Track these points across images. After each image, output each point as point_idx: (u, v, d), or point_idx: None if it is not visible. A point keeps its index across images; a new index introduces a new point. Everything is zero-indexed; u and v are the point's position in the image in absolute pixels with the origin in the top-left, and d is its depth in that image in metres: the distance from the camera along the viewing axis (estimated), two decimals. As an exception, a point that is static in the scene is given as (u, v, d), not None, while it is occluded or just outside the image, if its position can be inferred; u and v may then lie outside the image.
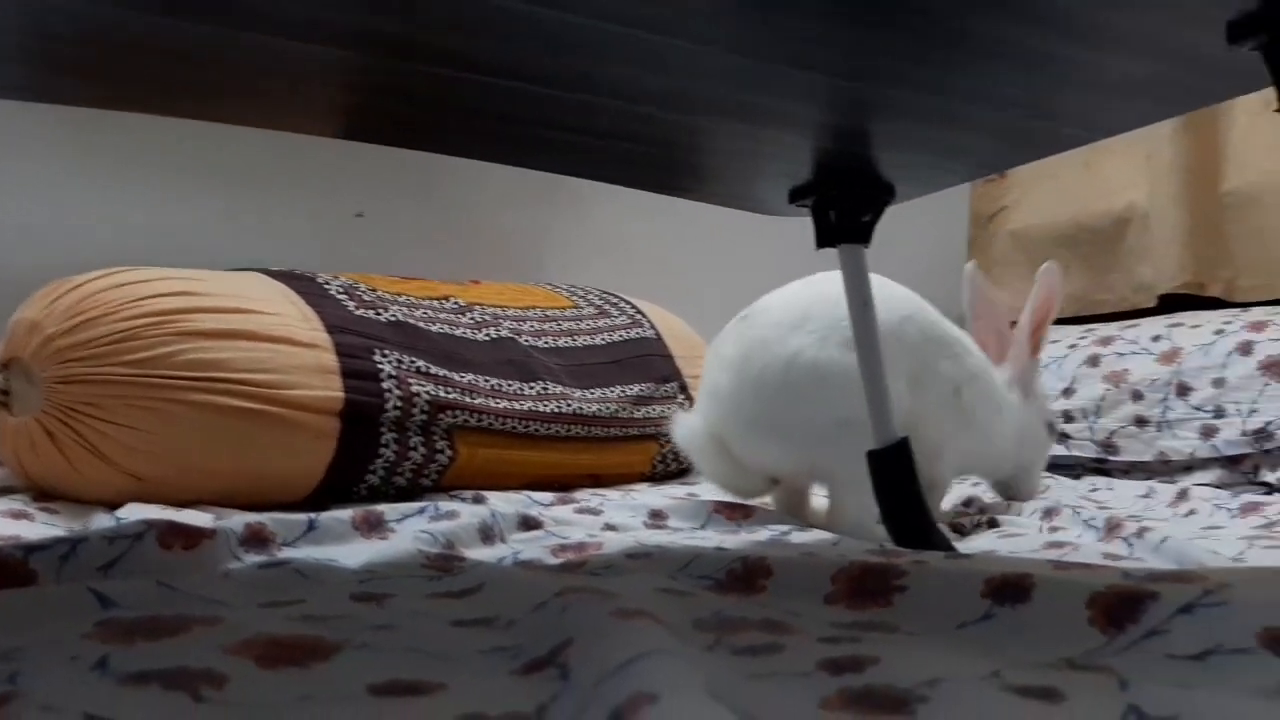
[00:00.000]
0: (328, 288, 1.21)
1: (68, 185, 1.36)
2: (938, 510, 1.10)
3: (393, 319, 1.20)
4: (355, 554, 0.72)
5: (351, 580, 0.61)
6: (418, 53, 0.61)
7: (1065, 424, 1.56)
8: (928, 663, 0.41)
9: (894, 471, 0.86)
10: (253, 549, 0.72)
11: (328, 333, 1.11)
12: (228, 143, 1.41)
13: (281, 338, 1.07)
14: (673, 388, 1.41)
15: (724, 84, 0.65)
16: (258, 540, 0.73)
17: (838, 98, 0.68)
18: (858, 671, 0.41)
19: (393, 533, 0.83)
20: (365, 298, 1.21)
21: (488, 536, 0.84)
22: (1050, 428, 1.19)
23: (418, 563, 0.69)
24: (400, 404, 1.11)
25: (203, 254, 1.29)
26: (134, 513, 0.89)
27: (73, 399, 0.97)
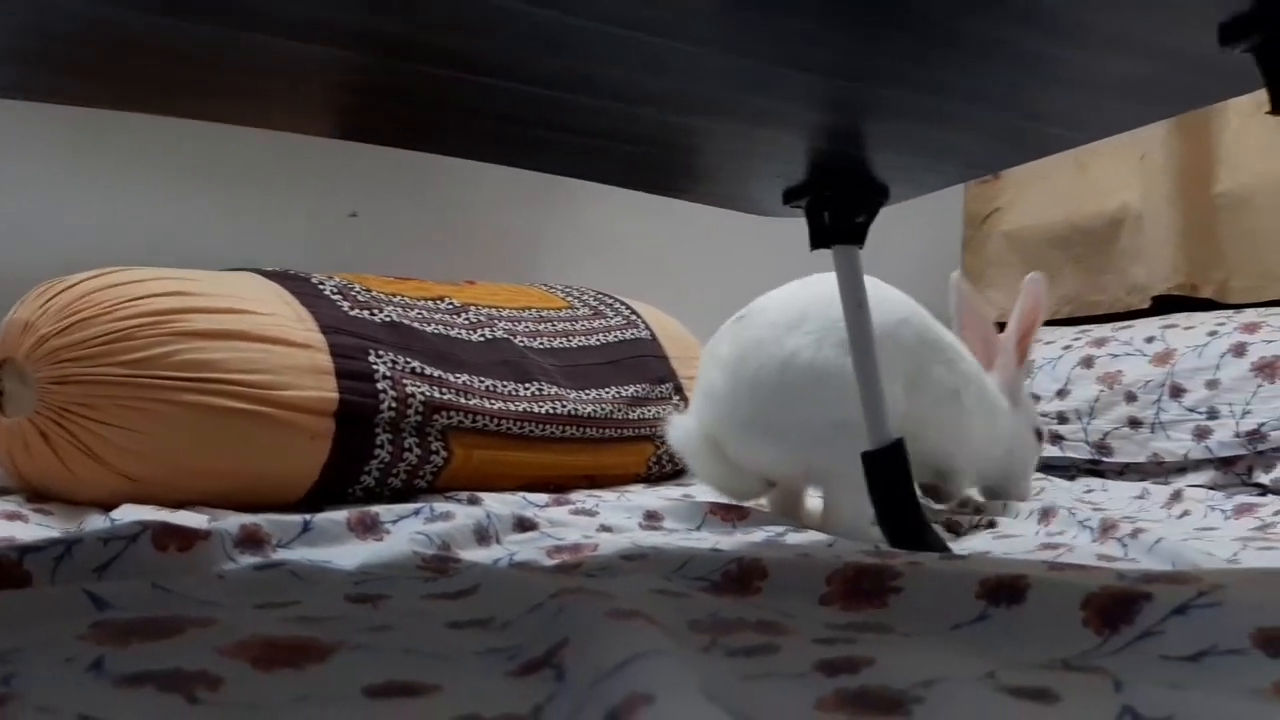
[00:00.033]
0: (322, 288, 1.20)
1: (61, 185, 1.36)
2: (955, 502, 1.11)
3: (387, 319, 1.20)
4: (350, 555, 0.72)
5: (347, 581, 0.61)
6: (417, 53, 0.61)
7: (1059, 425, 1.57)
8: (923, 664, 0.41)
9: (889, 472, 0.87)
10: (248, 550, 0.72)
11: (322, 333, 1.11)
12: (222, 142, 1.41)
13: (276, 338, 1.07)
14: (668, 389, 1.41)
15: (721, 85, 0.65)
16: (253, 541, 0.73)
17: (833, 98, 0.68)
18: (853, 672, 0.41)
19: (388, 534, 0.83)
20: (360, 298, 1.21)
21: (483, 538, 0.83)
22: (1038, 433, 1.21)
23: (413, 564, 0.69)
24: (395, 405, 1.11)
25: (197, 254, 1.29)
26: (128, 514, 0.89)
27: (67, 399, 0.96)
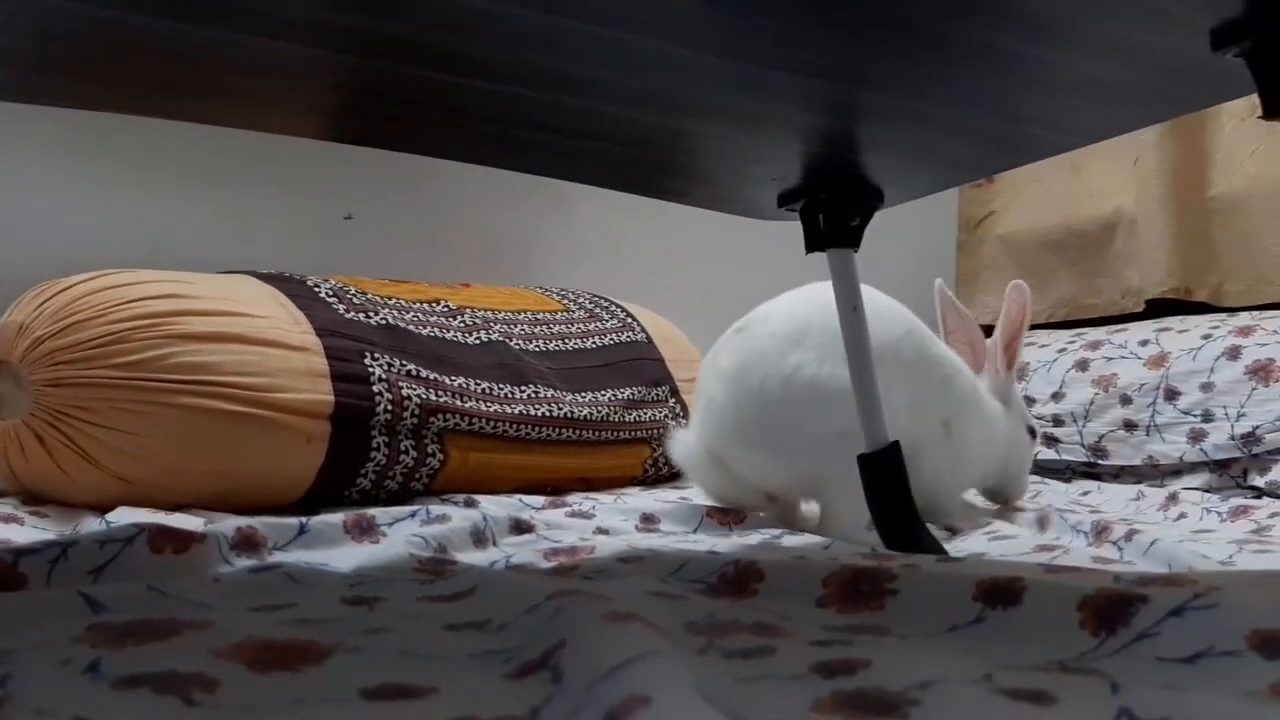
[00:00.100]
0: (317, 290, 1.20)
1: (57, 187, 1.36)
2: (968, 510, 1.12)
3: (383, 322, 1.20)
4: (347, 558, 0.72)
5: (343, 584, 0.61)
6: (413, 55, 0.61)
7: (1055, 428, 1.57)
8: (919, 666, 0.41)
9: (885, 475, 0.87)
10: (244, 553, 0.72)
11: (318, 336, 1.11)
12: (217, 145, 1.41)
13: (271, 341, 1.07)
14: (664, 391, 1.41)
15: (716, 88, 0.65)
16: (249, 544, 0.73)
17: (822, 100, 0.68)
18: (849, 674, 0.41)
19: (384, 536, 0.83)
20: (355, 301, 1.21)
21: (479, 540, 0.83)
22: (1031, 431, 1.22)
23: (409, 566, 0.69)
24: (391, 407, 1.11)
25: (192, 256, 1.28)
26: (124, 516, 0.89)
27: (62, 402, 0.96)
